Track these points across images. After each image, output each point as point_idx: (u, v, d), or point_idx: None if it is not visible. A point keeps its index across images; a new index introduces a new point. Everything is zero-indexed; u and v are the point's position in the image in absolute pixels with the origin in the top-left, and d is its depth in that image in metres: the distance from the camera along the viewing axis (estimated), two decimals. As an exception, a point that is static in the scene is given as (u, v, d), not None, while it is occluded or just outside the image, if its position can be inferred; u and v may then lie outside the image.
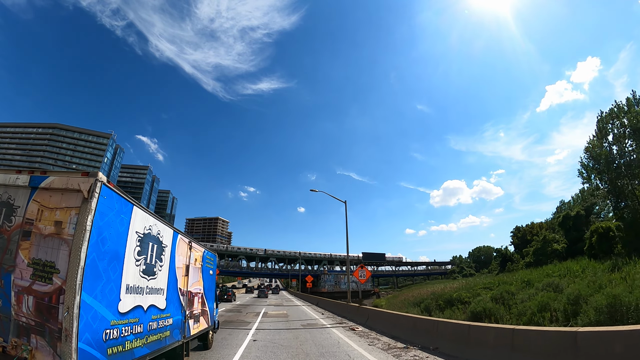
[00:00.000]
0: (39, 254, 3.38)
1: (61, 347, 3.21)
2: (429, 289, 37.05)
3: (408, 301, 33.12)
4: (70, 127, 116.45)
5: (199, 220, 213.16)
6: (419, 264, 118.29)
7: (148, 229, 4.39)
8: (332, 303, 27.14)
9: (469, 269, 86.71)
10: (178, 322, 5.79)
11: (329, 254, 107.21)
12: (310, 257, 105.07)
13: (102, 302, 3.47)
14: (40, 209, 3.48)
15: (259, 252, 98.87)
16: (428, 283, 76.74)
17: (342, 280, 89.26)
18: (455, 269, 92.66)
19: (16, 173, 3.97)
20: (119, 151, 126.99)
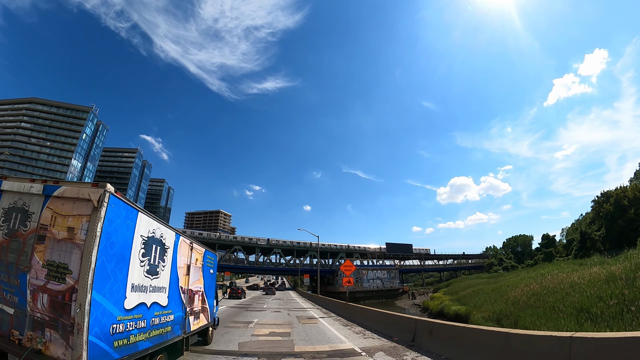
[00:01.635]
0: (53, 256, 3.74)
1: (73, 339, 3.58)
2: (501, 287, 26.80)
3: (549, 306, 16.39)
4: (47, 101, 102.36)
5: (199, 214, 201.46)
6: (447, 257, 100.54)
7: (152, 232, 4.76)
8: (375, 314, 14.17)
9: (509, 261, 77.90)
10: (179, 318, 6.17)
11: (346, 245, 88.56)
12: (324, 249, 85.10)
13: (110, 299, 3.83)
14: (54, 215, 3.84)
15: (260, 242, 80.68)
16: (467, 278, 63.65)
17: (364, 277, 72.63)
18: (493, 261, 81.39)
19: (30, 182, 4.33)
20: (102, 129, 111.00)
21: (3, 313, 4.11)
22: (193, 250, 6.76)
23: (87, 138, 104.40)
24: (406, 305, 51.11)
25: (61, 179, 5.73)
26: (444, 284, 67.34)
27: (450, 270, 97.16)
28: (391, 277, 76.47)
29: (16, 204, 4.36)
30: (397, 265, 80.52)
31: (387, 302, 58.64)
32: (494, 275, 54.72)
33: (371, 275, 74.46)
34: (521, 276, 31.29)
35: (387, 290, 71.99)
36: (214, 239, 77.45)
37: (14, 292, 4.07)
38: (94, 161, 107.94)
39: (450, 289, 46.24)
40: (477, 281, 46.29)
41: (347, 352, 8.80)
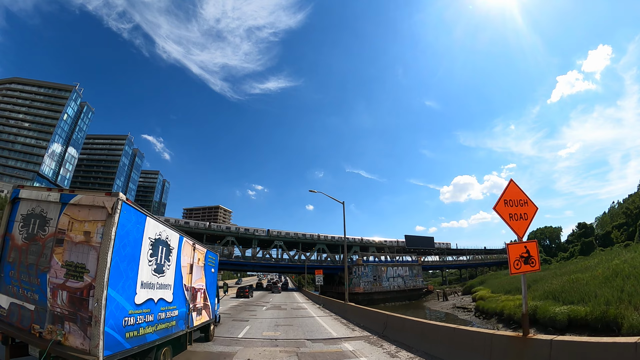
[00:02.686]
0: (71, 257, 4.20)
1: (91, 330, 4.04)
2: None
3: None
4: (29, 80, 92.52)
5: (198, 210, 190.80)
6: (470, 252, 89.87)
7: (158, 234, 5.22)
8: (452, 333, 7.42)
9: (540, 254, 73.33)
10: (183, 314, 6.63)
11: (360, 238, 75.98)
12: (334, 242, 72.02)
13: (123, 295, 4.30)
14: (71, 221, 4.30)
15: (257, 233, 67.93)
16: (498, 274, 55.98)
17: (383, 275, 60.78)
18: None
19: (47, 190, 4.78)
20: (87, 110, 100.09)
21: (24, 309, 4.57)
22: (195, 251, 7.24)
23: (69, 119, 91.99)
24: (443, 308, 40.41)
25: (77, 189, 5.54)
26: (476, 280, 55.77)
27: (472, 266, 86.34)
28: (413, 275, 64.74)
29: (34, 211, 4.81)
30: (419, 260, 68.35)
31: (412, 305, 50.29)
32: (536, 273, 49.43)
33: (391, 272, 62.67)
34: (586, 264, 27.19)
35: (410, 290, 61.34)
36: (201, 228, 64.70)
37: (34, 290, 4.53)
38: (76, 146, 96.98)
39: (491, 287, 39.39)
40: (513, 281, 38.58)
41: None
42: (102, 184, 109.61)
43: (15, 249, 4.79)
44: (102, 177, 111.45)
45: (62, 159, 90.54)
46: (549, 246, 75.02)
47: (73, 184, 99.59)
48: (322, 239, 72.69)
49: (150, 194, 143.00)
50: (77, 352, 4.06)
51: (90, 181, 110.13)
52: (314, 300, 35.30)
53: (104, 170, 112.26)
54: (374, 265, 62.25)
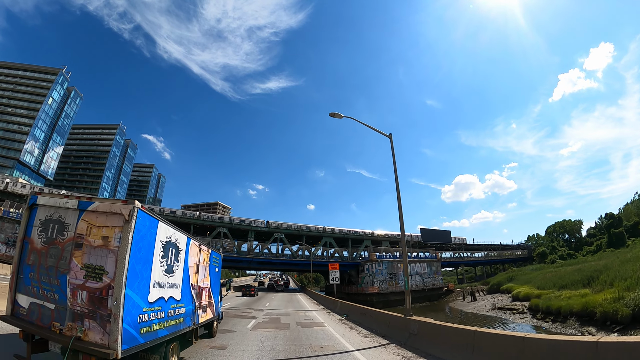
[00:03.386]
0: (90, 260, 4.56)
1: (110, 327, 4.41)
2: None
3: None
4: (13, 64, 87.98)
5: (195, 206, 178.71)
6: (487, 247, 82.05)
7: (169, 237, 5.58)
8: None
9: (563, 249, 65.96)
10: (190, 311, 7.02)
11: (370, 232, 69.99)
12: (341, 235, 65.53)
13: (138, 294, 4.67)
14: (89, 226, 4.65)
15: (255, 224, 60.01)
16: (522, 270, 52.21)
17: (400, 273, 51.95)
18: (545, 250, 67.93)
19: (64, 197, 5.13)
20: (74, 95, 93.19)
21: (44, 308, 4.93)
22: (201, 252, 7.62)
23: (55, 104, 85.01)
24: (481, 310, 34.64)
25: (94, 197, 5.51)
26: (502, 277, 49.94)
27: (490, 263, 79.35)
28: (432, 272, 57.78)
29: (52, 216, 5.16)
30: (438, 256, 61.08)
31: (435, 307, 45.16)
32: (563, 265, 45.53)
33: (408, 269, 56.42)
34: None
35: (429, 290, 54.93)
36: (189, 218, 57.75)
37: (54, 290, 4.88)
38: (62, 133, 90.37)
39: (527, 283, 36.80)
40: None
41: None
42: (91, 175, 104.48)
43: (35, 252, 5.13)
44: (91, 168, 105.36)
45: (45, 147, 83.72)
46: (569, 240, 71.85)
47: (59, 175, 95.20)
48: (329, 231, 64.46)
49: (145, 188, 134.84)
50: (97, 347, 4.43)
51: (78, 172, 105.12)
52: (326, 305, 26.25)
53: (93, 162, 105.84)
54: (389, 262, 53.66)
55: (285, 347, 9.39)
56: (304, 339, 10.90)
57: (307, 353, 8.74)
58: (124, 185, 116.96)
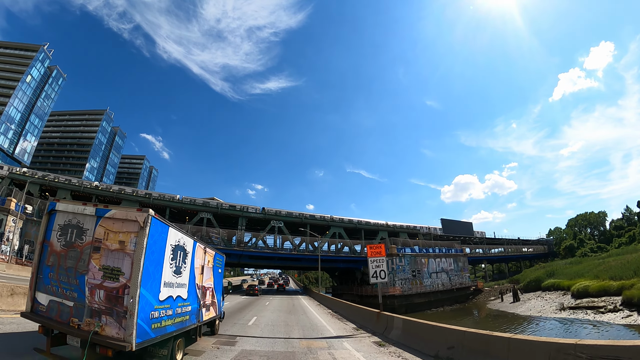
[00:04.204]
0: (107, 262, 5.04)
1: (125, 322, 4.89)
2: None
3: None
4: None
5: None
6: (509, 242, 74.68)
7: (177, 241, 6.08)
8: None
9: (590, 242, 61.20)
10: (195, 310, 7.50)
11: (384, 223, 58.66)
12: (354, 225, 55.07)
13: (150, 293, 5.15)
14: (106, 231, 5.14)
15: (247, 211, 49.16)
16: (558, 265, 46.86)
17: (424, 270, 45.06)
18: (573, 243, 62.37)
19: (82, 204, 5.61)
20: (57, 75, 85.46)
21: (63, 305, 5.41)
22: (206, 254, 8.12)
23: (34, 83, 77.40)
24: (544, 312, 28.49)
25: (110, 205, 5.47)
26: (540, 273, 44.42)
27: (514, 259, 72.95)
28: (459, 269, 49.74)
29: (71, 222, 5.64)
30: (464, 251, 52.83)
31: (467, 310, 39.62)
32: (607, 256, 42.34)
33: (433, 266, 46.79)
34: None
35: (457, 290, 47.18)
36: (166, 200, 46.16)
37: (73, 289, 5.36)
38: (41, 116, 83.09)
39: (574, 276, 33.62)
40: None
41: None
42: (74, 164, 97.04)
43: (54, 254, 5.61)
44: (74, 156, 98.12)
45: (22, 129, 76.58)
46: (592, 233, 68.25)
47: (41, 163, 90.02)
48: (338, 221, 53.73)
49: (135, 181, 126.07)
50: (113, 340, 4.91)
51: (61, 161, 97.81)
52: (359, 320, 14.98)
53: (77, 149, 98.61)
54: (411, 257, 44.69)
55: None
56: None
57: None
58: (110, 177, 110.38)
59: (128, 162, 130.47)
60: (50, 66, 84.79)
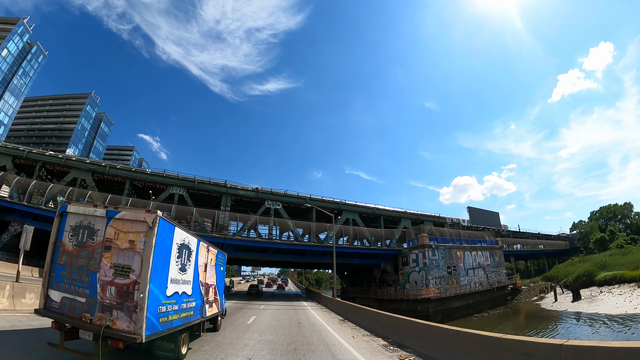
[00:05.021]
0: (118, 260, 5.39)
1: (136, 316, 5.24)
2: None
3: None
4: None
5: None
6: (533, 236, 68.47)
7: (183, 240, 6.44)
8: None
9: (622, 234, 58.32)
10: (199, 305, 7.86)
11: (405, 211, 47.65)
12: (372, 211, 44.36)
13: (158, 288, 5.51)
14: (117, 232, 5.49)
15: (234, 189, 38.15)
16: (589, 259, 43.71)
17: (460, 265, 37.15)
18: (604, 236, 58.57)
19: (93, 207, 5.95)
20: (37, 52, 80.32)
21: (75, 302, 5.75)
22: (209, 252, 8.49)
23: (10, 57, 71.97)
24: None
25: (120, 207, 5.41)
26: (587, 266, 39.63)
27: (541, 254, 66.51)
28: (495, 264, 41.98)
29: (82, 223, 5.98)
30: (499, 243, 45.14)
31: (516, 313, 34.28)
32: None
33: (469, 260, 38.60)
34: None
35: (496, 290, 39.34)
36: (124, 170, 36.97)
37: (85, 286, 5.71)
38: (17, 95, 77.13)
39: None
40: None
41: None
42: (55, 150, 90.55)
43: (66, 253, 5.95)
44: (55, 142, 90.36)
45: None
46: (620, 225, 65.54)
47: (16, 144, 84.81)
48: (352, 205, 43.03)
49: None
50: (124, 333, 5.26)
51: (41, 147, 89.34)
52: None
53: (58, 135, 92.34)
54: (446, 249, 36.58)
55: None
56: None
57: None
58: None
59: (117, 152, 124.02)
60: (30, 42, 78.98)
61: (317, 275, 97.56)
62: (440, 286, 33.87)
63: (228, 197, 37.45)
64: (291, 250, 36.89)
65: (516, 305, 38.53)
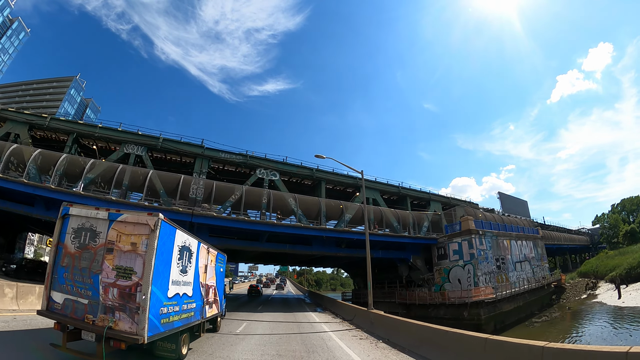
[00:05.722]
0: (120, 262, 5.48)
1: (138, 317, 5.33)
2: None
3: None
4: None
5: None
6: (557, 229, 62.29)
7: (184, 242, 6.53)
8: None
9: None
10: (199, 307, 7.95)
11: (435, 193, 40.20)
12: (396, 190, 35.51)
13: (160, 290, 5.60)
14: (119, 234, 5.57)
15: (214, 150, 27.26)
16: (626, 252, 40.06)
17: (508, 258, 30.87)
18: (635, 227, 54.26)
19: (95, 209, 6.03)
20: (18, 28, 74.89)
21: (78, 303, 5.83)
22: (209, 254, 8.58)
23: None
24: None
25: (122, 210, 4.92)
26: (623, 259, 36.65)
27: (563, 249, 60.55)
28: (539, 257, 36.10)
29: (84, 225, 6.06)
30: (539, 231, 39.49)
31: (577, 317, 27.15)
32: None
33: (516, 251, 32.43)
34: None
35: (542, 288, 33.89)
36: (57, 121, 26.69)
37: (87, 288, 5.79)
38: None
39: None
40: None
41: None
42: None
43: (69, 255, 6.03)
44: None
45: None
46: None
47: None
48: (372, 181, 33.44)
49: None
50: (127, 334, 5.35)
51: None
52: None
53: None
54: (493, 236, 29.58)
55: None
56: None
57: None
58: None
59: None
60: (11, 17, 73.67)
61: (317, 276, 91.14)
62: (490, 284, 27.05)
63: (204, 162, 26.56)
64: (292, 238, 26.36)
65: (568, 305, 32.19)
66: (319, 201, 27.28)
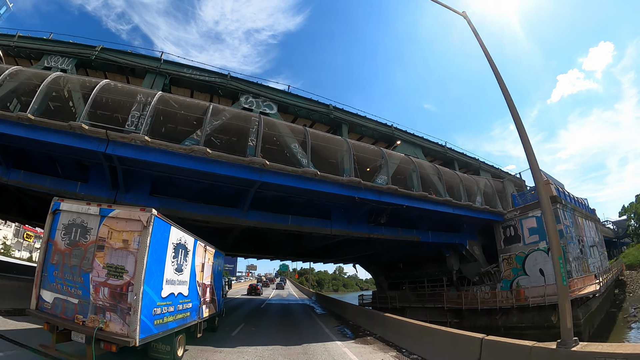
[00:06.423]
0: (111, 260, 5.20)
1: (129, 318, 5.05)
2: None
3: None
4: None
5: None
6: None
7: (179, 240, 6.25)
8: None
9: None
10: (195, 306, 7.67)
11: (479, 160, 27.18)
12: (442, 151, 22.69)
13: (153, 290, 5.32)
14: (110, 231, 5.30)
15: (173, 63, 16.28)
16: None
17: (584, 239, 20.87)
18: None
19: (87, 204, 5.76)
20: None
21: (68, 303, 5.56)
22: (206, 252, 8.29)
23: None
24: None
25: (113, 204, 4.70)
26: None
27: None
28: (601, 243, 28.01)
29: (75, 221, 5.78)
30: (595, 214, 30.54)
31: None
32: None
33: (588, 233, 23.31)
34: None
35: (617, 280, 28.97)
36: None
37: (77, 287, 5.52)
38: None
39: None
40: None
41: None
42: None
43: (59, 252, 5.76)
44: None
45: None
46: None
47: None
48: (412, 136, 21.61)
49: None
50: (117, 336, 5.07)
51: None
52: None
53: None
54: (572, 210, 21.22)
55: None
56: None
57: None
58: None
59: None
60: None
61: (319, 276, 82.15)
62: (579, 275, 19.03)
63: (159, 79, 16.52)
64: (295, 205, 14.62)
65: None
66: (343, 142, 15.13)
